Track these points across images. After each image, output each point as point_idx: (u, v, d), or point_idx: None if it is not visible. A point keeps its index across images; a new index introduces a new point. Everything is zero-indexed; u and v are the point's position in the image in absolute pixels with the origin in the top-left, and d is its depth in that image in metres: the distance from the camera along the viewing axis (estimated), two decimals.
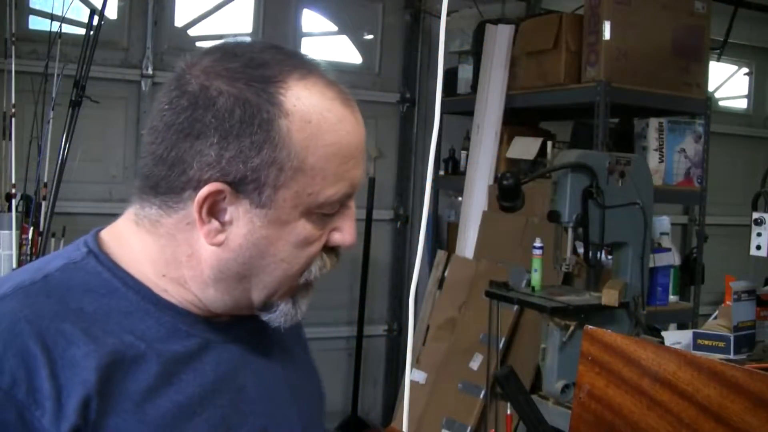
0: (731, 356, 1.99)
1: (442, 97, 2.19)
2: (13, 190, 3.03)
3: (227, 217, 0.82)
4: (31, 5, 3.58)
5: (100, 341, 0.79)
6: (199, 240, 0.84)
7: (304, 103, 0.81)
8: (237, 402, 0.88)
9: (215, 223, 0.82)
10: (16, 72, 3.06)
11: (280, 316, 0.88)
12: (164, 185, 0.83)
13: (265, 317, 0.89)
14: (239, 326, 0.91)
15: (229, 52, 0.84)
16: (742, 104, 5.63)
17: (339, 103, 0.84)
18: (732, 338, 2.01)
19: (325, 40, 4.39)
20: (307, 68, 0.84)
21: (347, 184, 0.85)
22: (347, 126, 0.84)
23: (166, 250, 0.85)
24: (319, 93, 0.83)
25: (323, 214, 0.85)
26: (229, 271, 0.84)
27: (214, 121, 0.79)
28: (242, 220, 0.82)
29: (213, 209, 0.82)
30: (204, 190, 0.80)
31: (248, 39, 0.89)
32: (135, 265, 0.86)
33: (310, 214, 0.84)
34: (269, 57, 0.83)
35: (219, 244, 0.83)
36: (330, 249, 0.88)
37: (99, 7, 3.07)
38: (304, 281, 0.88)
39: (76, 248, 0.87)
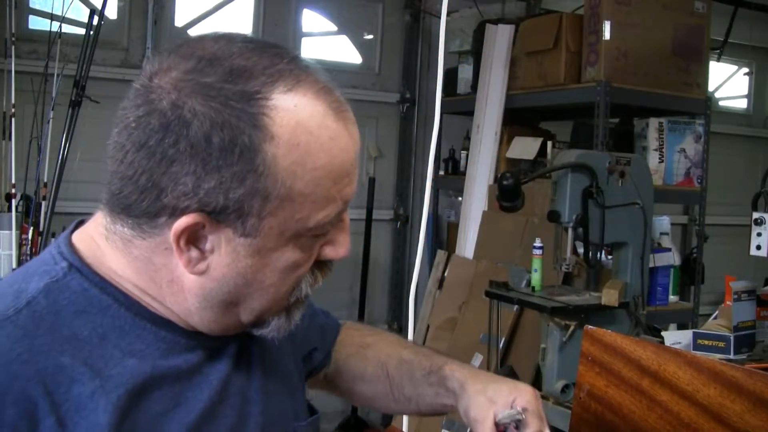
0: (731, 356, 1.99)
1: (442, 97, 2.21)
2: (13, 190, 3.03)
3: (208, 246, 0.75)
4: (31, 5, 3.58)
5: (104, 374, 0.73)
6: (179, 266, 0.76)
7: (292, 123, 0.72)
8: (239, 407, 0.85)
9: (195, 252, 0.75)
10: (16, 72, 3.07)
11: (272, 330, 0.84)
12: (136, 209, 0.74)
13: (257, 332, 0.84)
14: None
15: (204, 59, 0.73)
16: (742, 104, 5.63)
17: (331, 116, 0.75)
18: (732, 338, 2.01)
19: (325, 40, 4.39)
20: (295, 75, 0.74)
21: (339, 203, 0.78)
22: (340, 143, 0.76)
23: (143, 274, 0.78)
24: (309, 106, 0.73)
25: (313, 235, 0.78)
26: (214, 299, 0.78)
27: (189, 148, 0.70)
28: (225, 249, 0.75)
29: (192, 238, 0.74)
30: (181, 222, 0.72)
31: (227, 33, 0.78)
32: (117, 279, 0.79)
33: (298, 238, 0.77)
34: (251, 63, 0.73)
35: (201, 273, 0.76)
36: (321, 262, 0.82)
37: (99, 7, 3.07)
38: (295, 299, 0.83)
39: (52, 260, 0.79)
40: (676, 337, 2.15)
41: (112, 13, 3.72)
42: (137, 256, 0.78)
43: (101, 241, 0.80)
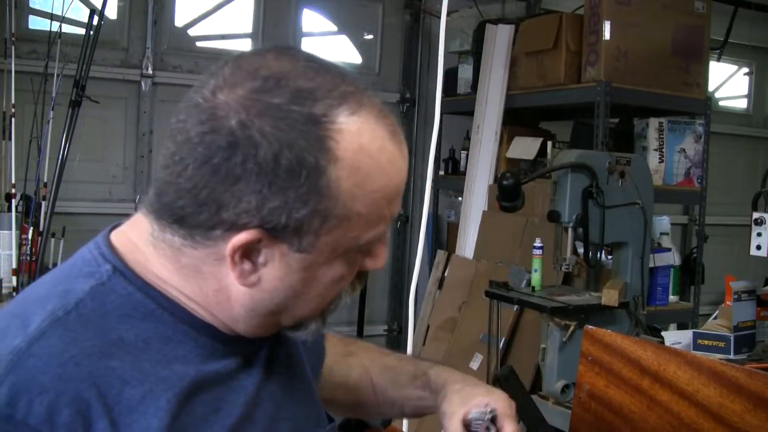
0: (731, 356, 1.99)
1: (442, 97, 2.21)
2: (13, 190, 3.03)
3: (261, 259, 0.76)
4: (31, 5, 3.58)
5: (152, 378, 0.75)
6: (228, 276, 0.78)
7: (355, 146, 0.74)
8: (271, 411, 0.86)
9: (248, 264, 0.76)
10: (16, 72, 3.07)
11: (309, 333, 0.86)
12: (191, 221, 0.75)
13: (293, 335, 0.87)
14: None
15: (270, 78, 0.74)
16: (742, 104, 5.63)
17: (389, 139, 0.77)
18: (732, 338, 2.01)
19: (325, 40, 4.39)
20: (357, 98, 0.76)
21: (389, 220, 0.80)
22: (396, 165, 0.78)
23: (190, 281, 0.79)
24: (370, 131, 0.76)
25: (360, 250, 0.81)
26: (262, 309, 0.80)
27: (257, 168, 0.71)
28: (278, 263, 0.77)
29: (247, 252, 0.76)
30: (240, 238, 0.74)
31: (288, 50, 0.78)
32: (162, 285, 0.80)
33: (347, 253, 0.79)
34: (315, 84, 0.74)
35: (252, 285, 0.78)
36: (359, 272, 0.85)
37: (99, 7, 3.07)
38: (333, 306, 0.86)
39: (94, 261, 0.80)
40: (676, 337, 2.15)
41: (112, 13, 3.72)
42: (185, 264, 0.79)
43: (146, 248, 0.81)
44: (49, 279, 0.82)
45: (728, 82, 5.49)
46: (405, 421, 2.39)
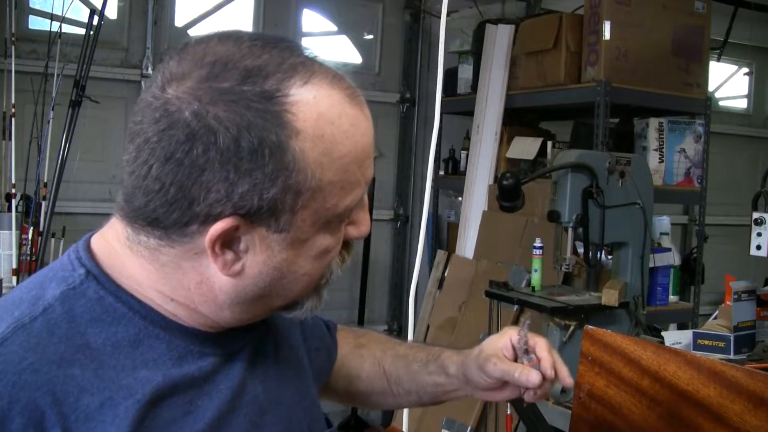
0: (731, 356, 1.99)
1: (442, 97, 2.21)
2: (13, 190, 3.03)
3: (242, 246, 0.75)
4: (31, 5, 3.58)
5: (113, 385, 0.73)
6: (210, 268, 0.76)
7: (314, 115, 0.73)
8: (252, 415, 0.84)
9: (230, 254, 0.75)
10: (16, 72, 3.07)
11: (306, 311, 0.85)
12: (164, 220, 0.74)
13: (289, 315, 0.85)
14: (246, 332, 0.86)
15: (217, 63, 0.73)
16: (742, 104, 5.63)
17: (348, 103, 0.76)
18: (732, 338, 2.01)
19: (325, 40, 4.39)
20: (308, 67, 0.75)
21: (363, 185, 0.79)
22: (360, 128, 0.77)
23: (171, 278, 0.78)
24: (326, 97, 0.74)
25: (341, 219, 0.80)
26: (247, 295, 0.79)
27: (219, 156, 0.70)
28: (259, 247, 0.75)
29: (226, 242, 0.74)
30: (216, 228, 0.72)
31: (232, 32, 0.77)
32: (137, 288, 0.79)
33: (329, 224, 0.78)
34: (263, 61, 0.73)
35: (236, 274, 0.76)
36: (345, 242, 0.84)
37: (99, 7, 3.07)
38: (325, 280, 0.85)
39: (70, 266, 0.80)
40: (676, 337, 2.15)
41: (112, 13, 3.72)
42: (165, 263, 0.78)
43: (122, 250, 0.80)
44: (26, 283, 0.81)
45: (728, 82, 5.49)
46: (405, 421, 2.39)
